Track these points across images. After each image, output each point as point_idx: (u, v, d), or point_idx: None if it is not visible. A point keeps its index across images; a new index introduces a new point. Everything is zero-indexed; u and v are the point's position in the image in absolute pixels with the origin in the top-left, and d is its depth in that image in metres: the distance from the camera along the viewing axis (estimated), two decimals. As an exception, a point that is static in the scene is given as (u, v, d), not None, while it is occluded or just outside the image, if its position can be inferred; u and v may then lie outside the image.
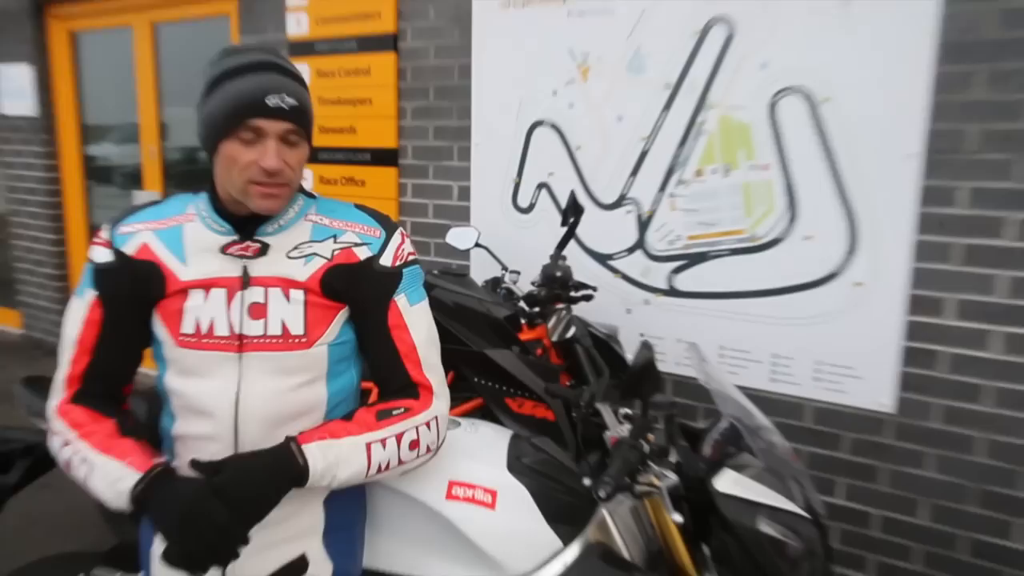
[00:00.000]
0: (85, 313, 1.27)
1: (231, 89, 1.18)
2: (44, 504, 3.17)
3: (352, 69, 3.52)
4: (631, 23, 2.80)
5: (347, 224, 1.32)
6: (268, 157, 1.18)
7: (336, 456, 1.19)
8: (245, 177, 1.20)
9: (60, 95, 5.09)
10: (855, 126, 2.46)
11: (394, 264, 1.31)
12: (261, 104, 1.17)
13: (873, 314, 2.51)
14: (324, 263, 1.27)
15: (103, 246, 1.28)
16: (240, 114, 1.17)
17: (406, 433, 1.26)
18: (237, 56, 1.22)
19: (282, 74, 1.22)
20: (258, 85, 1.18)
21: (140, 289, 1.26)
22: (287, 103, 1.19)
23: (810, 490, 1.60)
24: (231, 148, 1.19)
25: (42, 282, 5.39)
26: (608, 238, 2.98)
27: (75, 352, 1.27)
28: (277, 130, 1.19)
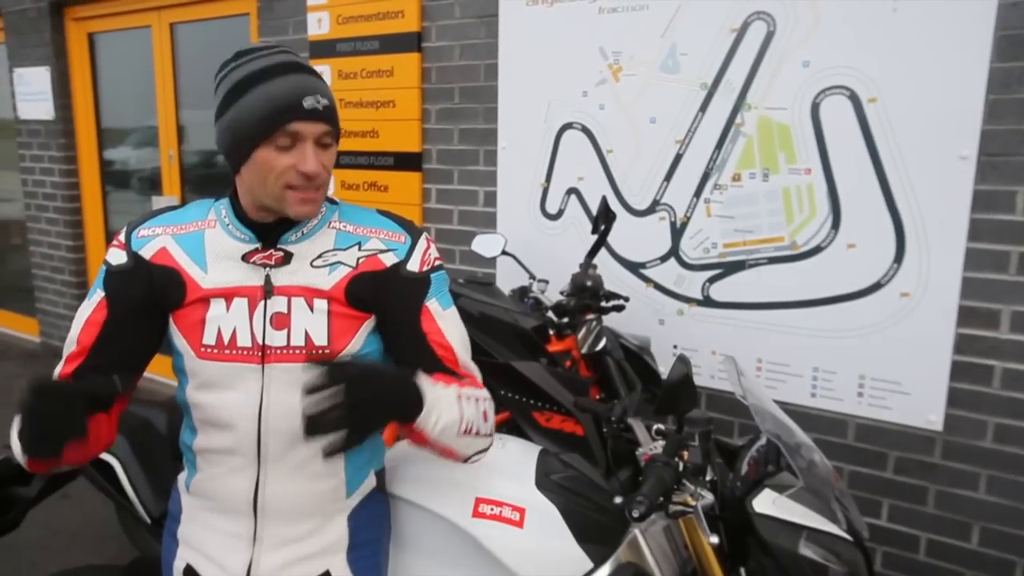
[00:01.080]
0: (89, 313, 1.24)
1: (263, 93, 1.14)
2: (64, 516, 3.15)
3: (375, 70, 3.44)
4: (665, 20, 2.70)
5: (371, 231, 1.29)
6: (308, 161, 1.15)
7: (438, 397, 1.16)
8: (282, 183, 1.17)
9: (78, 98, 5.07)
10: (903, 127, 2.34)
11: (421, 270, 1.28)
12: (299, 107, 1.14)
13: (921, 326, 2.39)
14: (349, 271, 1.24)
15: (119, 248, 1.26)
16: (278, 119, 1.13)
17: (479, 401, 1.25)
18: (260, 59, 1.17)
19: (311, 74, 1.19)
20: (293, 87, 1.14)
21: (155, 294, 1.23)
22: (322, 104, 1.16)
23: (853, 511, 1.55)
24: (266, 154, 1.15)
25: (60, 289, 5.37)
26: (640, 246, 2.87)
27: (72, 351, 1.24)
28: (315, 132, 1.16)
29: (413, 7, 3.28)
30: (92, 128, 5.08)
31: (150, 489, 1.82)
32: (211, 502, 1.28)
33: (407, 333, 1.28)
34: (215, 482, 1.27)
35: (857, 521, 1.52)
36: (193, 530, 1.31)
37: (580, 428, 2.35)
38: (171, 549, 1.35)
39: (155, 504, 1.81)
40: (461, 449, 1.24)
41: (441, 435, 1.17)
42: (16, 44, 5.16)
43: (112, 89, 5.04)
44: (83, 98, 5.05)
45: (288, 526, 1.26)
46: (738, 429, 2.77)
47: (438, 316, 1.29)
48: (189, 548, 1.31)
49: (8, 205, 5.96)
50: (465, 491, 1.45)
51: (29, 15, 5.01)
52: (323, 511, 1.28)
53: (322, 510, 1.28)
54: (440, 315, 1.29)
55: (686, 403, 1.44)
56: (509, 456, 1.58)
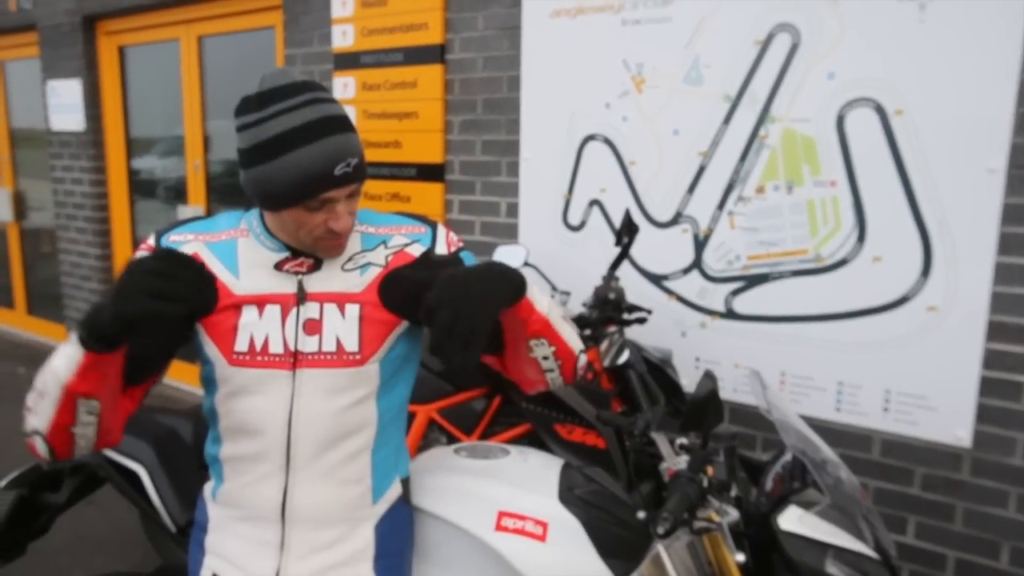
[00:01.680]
0: None
1: (293, 163, 1.13)
2: (90, 522, 3.19)
3: (398, 82, 3.47)
4: (689, 32, 2.69)
5: (392, 228, 1.34)
6: (341, 220, 1.19)
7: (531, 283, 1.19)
8: (313, 236, 1.21)
9: (108, 110, 5.16)
10: (931, 139, 2.31)
11: (450, 251, 1.33)
12: (330, 176, 1.14)
13: (949, 341, 2.35)
14: (380, 270, 1.27)
15: (149, 251, 1.24)
16: (309, 190, 1.14)
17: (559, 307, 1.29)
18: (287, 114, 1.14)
19: (341, 130, 1.17)
20: (324, 155, 1.14)
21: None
22: (352, 165, 1.17)
23: (880, 529, 1.53)
24: (298, 215, 1.18)
25: (88, 297, 5.45)
26: (663, 257, 2.86)
27: None
28: (345, 194, 1.19)
29: (437, 19, 3.30)
30: (121, 139, 5.17)
31: (176, 498, 1.84)
32: (239, 510, 1.29)
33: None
34: (243, 490, 1.28)
35: (885, 539, 1.50)
36: (220, 539, 1.32)
37: (602, 441, 2.35)
38: (197, 558, 1.36)
39: (180, 513, 1.82)
40: (568, 336, 1.27)
41: (551, 311, 1.21)
42: (50, 57, 5.27)
43: (139, 100, 5.13)
44: (113, 110, 5.14)
45: (316, 533, 1.27)
46: (761, 443, 2.74)
47: None
48: (216, 557, 1.32)
49: (38, 214, 6.08)
50: (488, 504, 1.44)
51: (63, 29, 5.12)
52: (350, 518, 1.30)
53: (349, 517, 1.29)
54: None
55: (712, 419, 1.43)
56: (532, 469, 1.57)
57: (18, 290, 6.36)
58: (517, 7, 3.10)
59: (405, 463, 1.43)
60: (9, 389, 4.95)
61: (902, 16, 2.31)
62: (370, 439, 1.29)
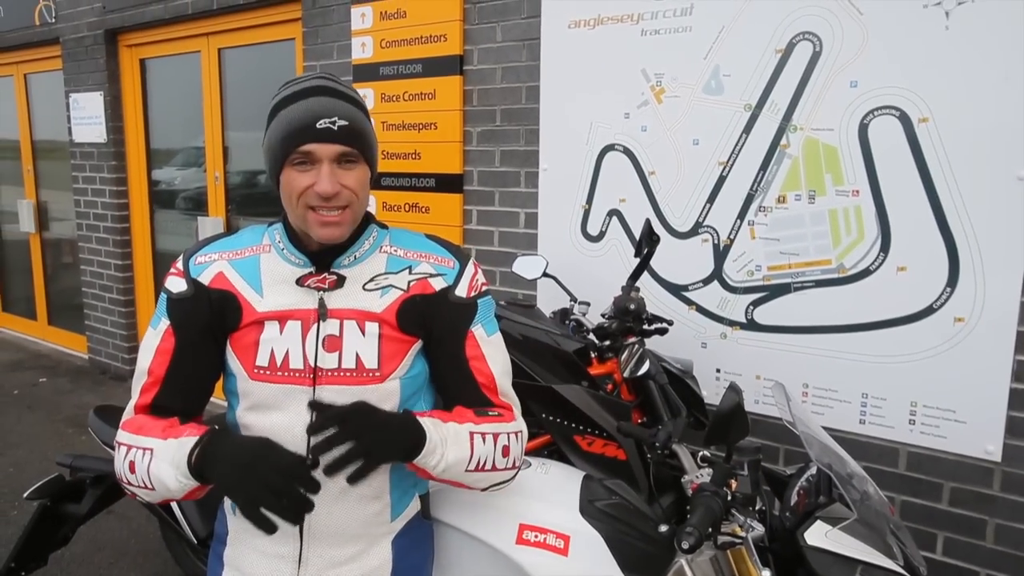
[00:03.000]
0: (158, 342, 1.27)
1: (284, 117, 1.19)
2: (110, 532, 3.20)
3: (417, 93, 3.48)
4: (709, 42, 2.68)
5: (421, 255, 1.32)
6: (321, 181, 1.17)
7: (445, 434, 1.20)
8: (303, 203, 1.20)
9: (129, 122, 5.22)
10: (956, 147, 2.28)
11: (469, 295, 1.31)
12: (311, 128, 1.17)
13: (977, 353, 2.31)
14: (400, 295, 1.27)
15: (179, 276, 1.28)
16: (292, 140, 1.17)
17: (500, 436, 1.27)
18: (292, 85, 1.22)
19: (334, 96, 1.21)
20: (307, 110, 1.17)
21: (215, 319, 1.26)
22: (337, 124, 1.18)
23: (910, 545, 1.50)
24: (288, 175, 1.20)
25: (108, 307, 5.50)
26: (682, 268, 2.84)
27: (146, 381, 1.26)
28: (329, 153, 1.18)
29: (455, 31, 3.31)
30: (142, 150, 5.23)
31: (197, 510, 1.84)
32: None
33: (450, 357, 1.30)
34: None
35: (915, 556, 1.47)
36: (239, 552, 1.32)
37: (622, 453, 2.32)
38: (216, 571, 1.35)
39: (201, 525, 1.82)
40: (471, 484, 1.27)
41: (444, 473, 1.21)
42: (72, 70, 5.34)
43: (161, 112, 5.18)
44: (134, 121, 5.20)
45: (333, 548, 1.27)
46: (783, 456, 2.71)
47: (482, 342, 1.31)
48: (234, 570, 1.32)
49: (60, 224, 6.15)
50: (509, 517, 1.44)
51: (85, 42, 5.19)
52: (368, 534, 1.29)
53: (367, 533, 1.29)
54: (484, 341, 1.31)
55: (737, 432, 1.42)
56: (552, 482, 1.56)
57: (39, 301, 6.44)
58: (536, 18, 3.10)
59: (424, 480, 1.42)
60: (31, 398, 5.00)
61: (927, 24, 2.29)
62: None
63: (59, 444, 4.19)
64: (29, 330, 6.62)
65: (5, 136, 6.50)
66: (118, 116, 5.19)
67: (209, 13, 4.43)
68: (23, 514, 3.36)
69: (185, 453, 1.11)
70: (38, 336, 6.51)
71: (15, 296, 6.79)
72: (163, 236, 5.32)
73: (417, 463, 1.17)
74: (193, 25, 4.61)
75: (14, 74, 6.13)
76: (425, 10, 3.39)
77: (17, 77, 6.12)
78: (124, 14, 4.89)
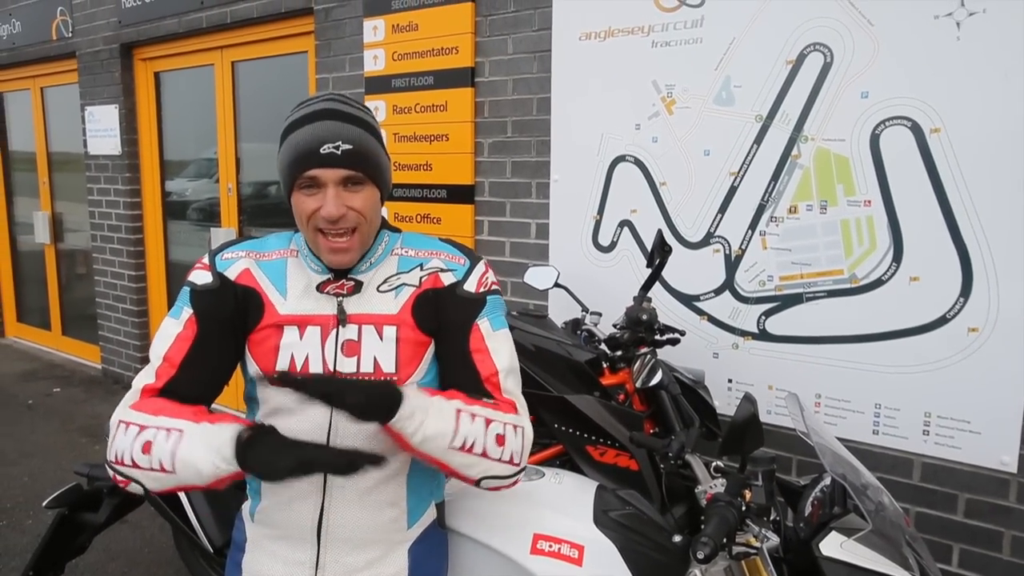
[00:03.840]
0: (179, 330, 1.26)
1: (291, 141, 1.21)
2: (123, 540, 3.21)
3: (428, 104, 3.50)
4: (719, 53, 2.69)
5: (432, 252, 1.35)
6: (327, 204, 1.19)
7: (428, 404, 1.15)
8: (312, 227, 1.22)
9: (143, 134, 5.28)
10: (968, 157, 2.28)
11: (478, 290, 1.31)
12: (316, 153, 1.18)
13: (991, 363, 2.30)
14: (413, 291, 1.29)
15: (205, 269, 1.30)
16: (298, 165, 1.19)
17: (493, 423, 1.21)
18: (301, 108, 1.24)
19: (340, 120, 1.21)
20: (312, 135, 1.19)
21: (238, 313, 1.27)
22: (341, 149, 1.19)
23: (926, 557, 1.50)
24: (297, 199, 1.22)
25: (121, 318, 5.54)
26: (694, 278, 2.84)
27: (160, 366, 1.25)
28: (334, 178, 1.19)
29: (467, 43, 3.34)
30: (156, 163, 5.28)
31: (213, 519, 1.85)
32: (275, 530, 1.30)
33: (454, 349, 1.30)
34: (280, 510, 1.29)
35: (930, 567, 1.47)
36: (257, 558, 1.33)
37: (634, 463, 2.32)
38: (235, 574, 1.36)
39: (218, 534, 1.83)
40: (458, 467, 1.20)
41: (424, 444, 1.15)
42: (88, 83, 5.41)
43: (175, 125, 5.24)
44: (148, 134, 5.26)
45: (350, 554, 1.28)
46: (796, 466, 2.70)
47: (487, 335, 1.30)
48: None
49: (74, 235, 6.22)
50: (523, 527, 1.44)
51: (101, 56, 5.25)
52: (385, 541, 1.30)
53: (384, 540, 1.30)
54: (490, 334, 1.30)
55: (752, 442, 1.42)
56: (566, 492, 1.57)
57: (54, 311, 6.49)
58: (547, 30, 3.13)
59: (440, 488, 1.43)
60: (46, 409, 5.04)
61: (938, 34, 2.29)
62: (406, 463, 1.30)
63: (73, 454, 4.21)
64: (43, 340, 6.68)
65: (21, 148, 6.58)
66: (133, 128, 5.25)
67: (223, 27, 4.48)
68: (38, 523, 3.38)
69: (228, 438, 1.07)
70: (52, 346, 6.57)
71: (30, 306, 6.86)
72: (176, 247, 5.36)
73: (393, 426, 1.11)
74: (207, 39, 4.67)
75: (31, 87, 6.22)
76: (437, 23, 3.42)
77: (34, 90, 6.20)
78: (139, 28, 4.95)
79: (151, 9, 4.83)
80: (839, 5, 2.45)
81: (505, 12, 3.25)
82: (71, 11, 5.43)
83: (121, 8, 5.02)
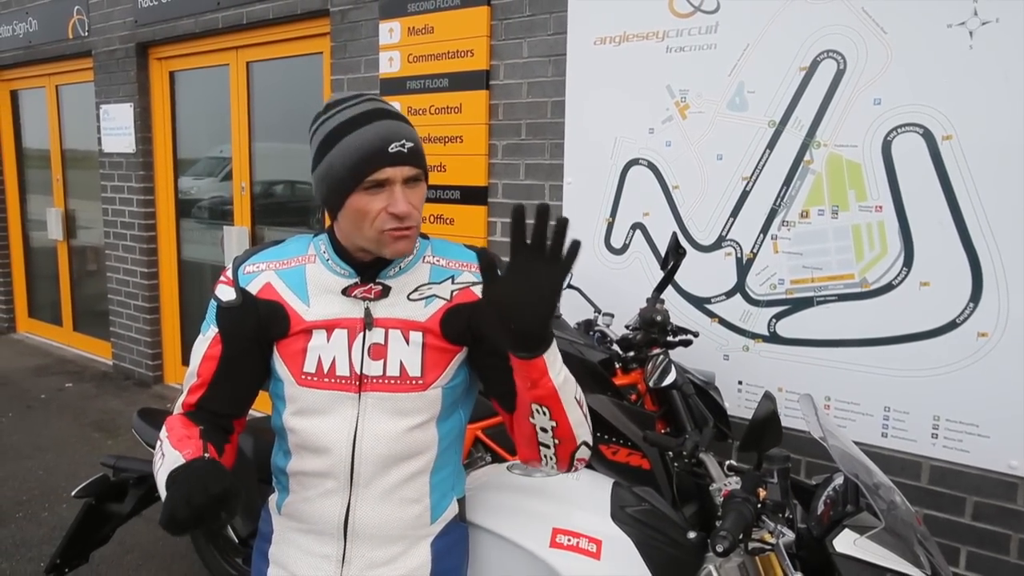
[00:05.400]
0: (206, 348, 1.32)
1: (350, 145, 1.20)
2: (138, 533, 3.25)
3: (443, 106, 3.54)
4: (733, 59, 2.73)
5: (463, 264, 1.35)
6: (399, 203, 1.20)
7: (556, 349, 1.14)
8: (378, 227, 1.22)
9: (157, 133, 5.33)
10: (979, 164, 2.31)
11: None
12: (385, 153, 1.19)
13: (1000, 368, 2.33)
14: (444, 304, 1.30)
15: (228, 285, 1.33)
16: (365, 166, 1.19)
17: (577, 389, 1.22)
18: (348, 109, 1.24)
19: (397, 119, 1.24)
20: (378, 135, 1.20)
21: (262, 327, 1.30)
22: (407, 147, 1.21)
23: (937, 555, 1.51)
24: (359, 201, 1.21)
25: (133, 315, 5.59)
26: (706, 281, 2.87)
27: (194, 383, 1.32)
28: (402, 176, 1.21)
29: (482, 46, 3.38)
30: (169, 161, 5.33)
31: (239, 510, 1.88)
32: (302, 524, 1.33)
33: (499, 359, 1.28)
34: (307, 504, 1.32)
35: (942, 566, 1.49)
36: (283, 550, 1.36)
37: (646, 462, 2.34)
38: (260, 568, 1.40)
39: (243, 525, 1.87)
40: (575, 423, 1.20)
41: (564, 385, 1.15)
42: (104, 82, 5.47)
43: (189, 124, 5.28)
44: (162, 132, 5.31)
45: (375, 549, 1.30)
46: (806, 467, 2.72)
47: None
48: (279, 567, 1.36)
49: (86, 232, 6.27)
50: (542, 521, 1.47)
51: (117, 55, 5.31)
52: (409, 536, 1.32)
53: (408, 535, 1.32)
54: None
55: (770, 440, 1.45)
56: (584, 487, 1.59)
57: (65, 307, 6.55)
58: (562, 34, 3.16)
59: (461, 484, 1.46)
60: (58, 403, 5.09)
61: (951, 42, 2.32)
62: (430, 461, 1.33)
63: (86, 448, 4.26)
64: (55, 336, 6.73)
65: (35, 146, 6.64)
66: (147, 127, 5.30)
67: (239, 27, 4.52)
68: (53, 516, 3.43)
69: (169, 469, 1.12)
70: (64, 342, 6.62)
71: (41, 302, 6.91)
72: (189, 245, 5.41)
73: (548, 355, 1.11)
74: (223, 39, 4.71)
75: (46, 86, 6.28)
76: (452, 26, 3.46)
77: (49, 88, 6.26)
78: (155, 28, 5.00)
79: (167, 9, 4.88)
80: (853, 13, 2.48)
81: (521, 16, 3.29)
82: (87, 10, 5.48)
83: (137, 8, 5.07)
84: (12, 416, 4.81)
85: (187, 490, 1.05)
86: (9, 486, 3.75)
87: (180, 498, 1.04)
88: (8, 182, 6.91)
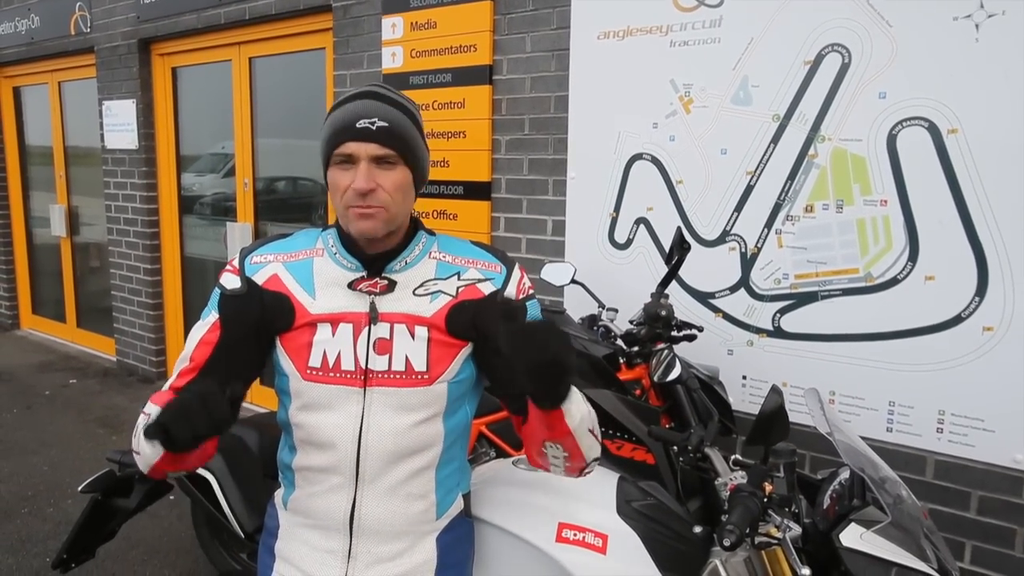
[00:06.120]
0: (204, 333, 1.30)
1: (330, 120, 1.25)
2: (143, 529, 3.26)
3: (446, 101, 3.53)
4: (737, 53, 2.72)
5: (469, 260, 1.35)
6: (358, 178, 1.20)
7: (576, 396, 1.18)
8: (345, 203, 1.23)
9: (160, 129, 5.33)
10: (985, 158, 2.30)
11: (518, 297, 1.34)
12: (351, 128, 1.21)
13: (1005, 362, 2.32)
14: (449, 300, 1.29)
15: (234, 273, 1.32)
16: (334, 139, 1.22)
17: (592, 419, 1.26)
18: (345, 94, 1.28)
19: (378, 100, 1.25)
20: (350, 111, 1.22)
21: (266, 318, 1.29)
22: (376, 125, 1.21)
23: (943, 549, 1.52)
24: (332, 175, 1.25)
25: (136, 311, 5.59)
26: (710, 275, 2.87)
27: (186, 366, 1.29)
28: (367, 152, 1.21)
29: (486, 41, 3.37)
30: (172, 157, 5.33)
31: (243, 505, 1.89)
32: (308, 519, 1.33)
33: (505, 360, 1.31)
34: (313, 500, 1.32)
35: (948, 560, 1.49)
36: (290, 545, 1.36)
37: (650, 457, 2.34)
38: (267, 563, 1.40)
39: (248, 519, 1.87)
40: (586, 449, 1.24)
41: (580, 426, 1.19)
42: (106, 78, 5.46)
43: (191, 120, 5.28)
44: (165, 129, 5.31)
45: (381, 545, 1.31)
46: (810, 462, 2.72)
47: None
48: (285, 562, 1.36)
49: (90, 229, 6.27)
50: (548, 515, 1.47)
51: (119, 51, 5.30)
52: (414, 531, 1.33)
53: (413, 530, 1.32)
54: None
55: (778, 433, 1.45)
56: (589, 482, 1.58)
57: (69, 303, 6.56)
58: (565, 29, 3.15)
59: (467, 479, 1.46)
60: (62, 400, 5.10)
61: (957, 36, 2.31)
62: (436, 456, 1.32)
63: (91, 444, 4.27)
64: (58, 332, 6.74)
65: (38, 142, 6.65)
66: (150, 123, 5.30)
67: (241, 23, 4.52)
68: (59, 511, 3.44)
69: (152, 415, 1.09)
70: (67, 338, 6.63)
71: (45, 299, 6.92)
72: (192, 241, 5.41)
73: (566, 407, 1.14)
74: (225, 35, 4.71)
75: (49, 82, 6.27)
76: (455, 21, 3.46)
77: (51, 85, 6.25)
78: (158, 24, 5.00)
79: (169, 5, 4.88)
80: (858, 6, 2.47)
81: (523, 10, 3.28)
82: (90, 6, 5.48)
83: (139, 4, 5.07)
84: (16, 412, 4.82)
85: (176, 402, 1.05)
86: (14, 482, 3.76)
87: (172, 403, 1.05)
88: (11, 178, 6.92)
